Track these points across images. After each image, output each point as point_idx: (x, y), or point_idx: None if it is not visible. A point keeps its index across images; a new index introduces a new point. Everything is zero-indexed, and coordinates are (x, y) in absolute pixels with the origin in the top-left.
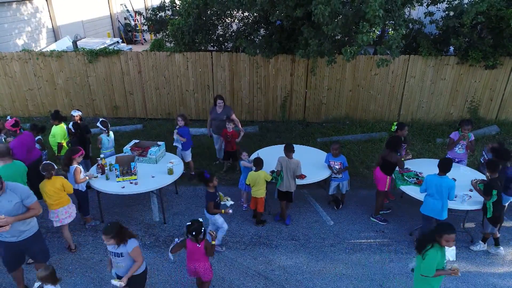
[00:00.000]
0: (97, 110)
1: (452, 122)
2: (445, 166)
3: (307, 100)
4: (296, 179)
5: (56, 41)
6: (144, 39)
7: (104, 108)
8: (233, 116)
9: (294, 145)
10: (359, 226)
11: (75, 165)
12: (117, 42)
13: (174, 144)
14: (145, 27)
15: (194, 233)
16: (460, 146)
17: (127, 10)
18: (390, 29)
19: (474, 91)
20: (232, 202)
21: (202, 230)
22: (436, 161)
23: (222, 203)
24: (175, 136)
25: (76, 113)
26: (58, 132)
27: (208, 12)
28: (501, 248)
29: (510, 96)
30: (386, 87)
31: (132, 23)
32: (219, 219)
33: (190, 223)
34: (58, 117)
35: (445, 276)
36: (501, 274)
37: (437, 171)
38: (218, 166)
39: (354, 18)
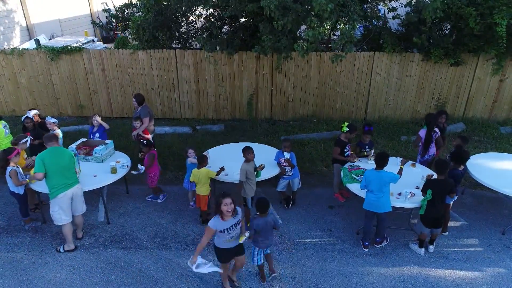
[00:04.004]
0: (62, 109)
1: (420, 119)
2: (381, 161)
3: (273, 98)
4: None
5: (30, 39)
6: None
7: (69, 107)
8: (145, 119)
9: (248, 143)
10: (307, 225)
11: (11, 166)
12: (92, 40)
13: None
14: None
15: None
16: (432, 145)
17: (108, 9)
18: (342, 24)
19: (440, 88)
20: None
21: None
22: (391, 159)
23: None
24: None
25: (33, 112)
26: None
27: (168, 9)
28: (423, 250)
29: (476, 93)
30: (352, 84)
31: (113, 21)
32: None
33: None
34: None
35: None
36: (441, 274)
37: (393, 169)
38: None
39: (308, 14)
